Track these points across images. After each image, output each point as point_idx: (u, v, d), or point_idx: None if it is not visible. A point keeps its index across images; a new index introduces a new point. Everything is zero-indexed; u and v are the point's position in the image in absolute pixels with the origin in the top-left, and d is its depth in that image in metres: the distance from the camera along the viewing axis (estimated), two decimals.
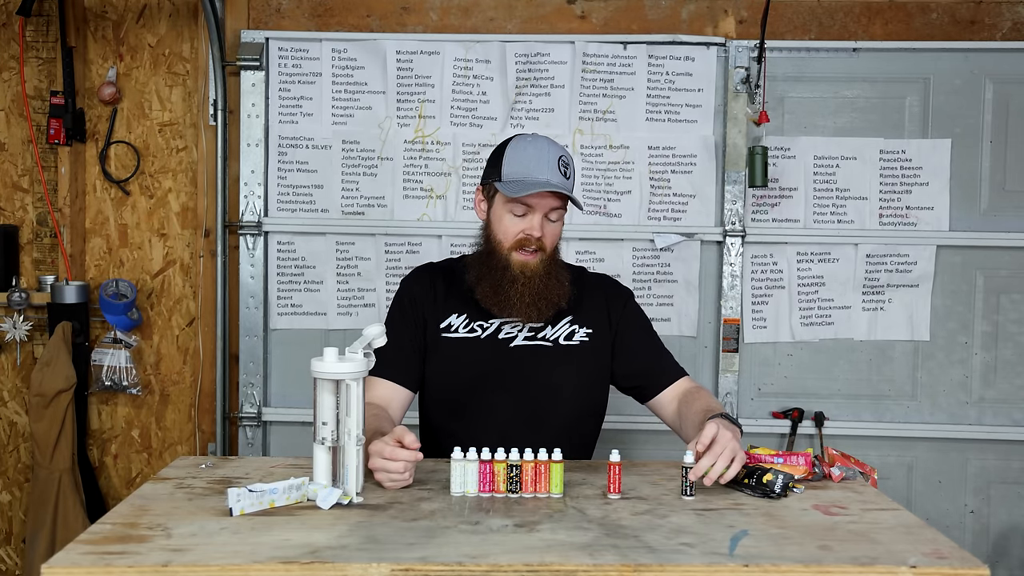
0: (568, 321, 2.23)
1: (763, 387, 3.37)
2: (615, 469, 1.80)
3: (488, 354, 2.17)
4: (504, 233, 2.14)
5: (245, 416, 3.34)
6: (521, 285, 2.12)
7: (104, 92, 3.33)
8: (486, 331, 2.19)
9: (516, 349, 2.18)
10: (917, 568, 1.44)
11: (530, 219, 2.12)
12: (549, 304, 2.15)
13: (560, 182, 2.10)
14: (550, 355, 2.20)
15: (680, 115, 3.31)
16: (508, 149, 2.16)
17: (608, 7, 3.33)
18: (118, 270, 3.42)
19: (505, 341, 2.19)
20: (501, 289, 2.13)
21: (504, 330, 2.19)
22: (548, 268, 2.15)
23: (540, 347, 2.20)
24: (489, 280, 2.14)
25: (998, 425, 3.34)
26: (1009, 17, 3.29)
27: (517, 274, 2.12)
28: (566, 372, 2.20)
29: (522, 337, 2.19)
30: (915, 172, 3.31)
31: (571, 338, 2.22)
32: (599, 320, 2.26)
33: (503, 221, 2.14)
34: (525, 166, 2.11)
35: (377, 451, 1.79)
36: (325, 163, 3.34)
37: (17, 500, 3.44)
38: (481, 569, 1.42)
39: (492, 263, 2.15)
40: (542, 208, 2.12)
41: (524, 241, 2.13)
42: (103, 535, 1.54)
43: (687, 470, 1.80)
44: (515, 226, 2.13)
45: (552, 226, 2.16)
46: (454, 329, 2.19)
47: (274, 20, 3.35)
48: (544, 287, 2.13)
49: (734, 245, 3.29)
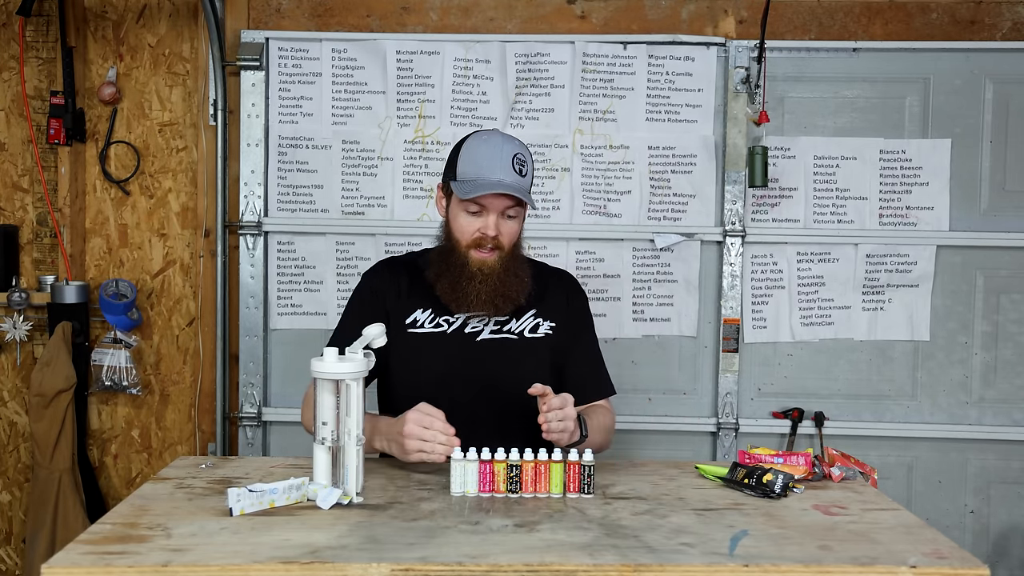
0: (532, 314, 2.24)
1: (763, 387, 3.36)
2: (575, 468, 1.80)
3: (455, 348, 2.18)
4: (461, 232, 2.15)
5: (245, 416, 3.34)
6: (479, 282, 2.12)
7: (104, 92, 3.33)
8: (452, 325, 2.19)
9: (483, 343, 2.19)
10: (917, 568, 1.44)
11: (485, 219, 2.12)
12: (507, 301, 2.15)
13: (513, 181, 2.09)
14: (516, 347, 2.20)
15: (680, 115, 3.31)
16: (463, 148, 2.16)
17: (608, 7, 3.33)
18: (118, 270, 3.42)
19: (472, 335, 2.19)
20: (459, 286, 2.13)
21: (470, 324, 2.20)
22: (507, 265, 2.15)
23: (506, 340, 2.20)
24: (448, 277, 2.15)
25: (998, 425, 3.34)
26: (1009, 17, 3.29)
27: (475, 271, 2.12)
28: (532, 364, 2.21)
29: (488, 331, 2.20)
30: (915, 172, 3.31)
31: (535, 331, 2.23)
32: (561, 314, 2.27)
33: (459, 220, 2.14)
34: (478, 165, 2.11)
35: (420, 421, 1.85)
36: (325, 163, 3.34)
37: (17, 500, 3.44)
38: (481, 569, 1.42)
39: (451, 260, 2.15)
40: (496, 208, 2.11)
41: (480, 240, 2.13)
42: (103, 535, 1.53)
43: (588, 468, 1.80)
44: (471, 225, 2.13)
45: (509, 224, 2.15)
46: (420, 324, 2.20)
47: (274, 20, 3.35)
48: (502, 284, 2.13)
49: (734, 245, 3.29)
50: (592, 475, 1.80)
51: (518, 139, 2.19)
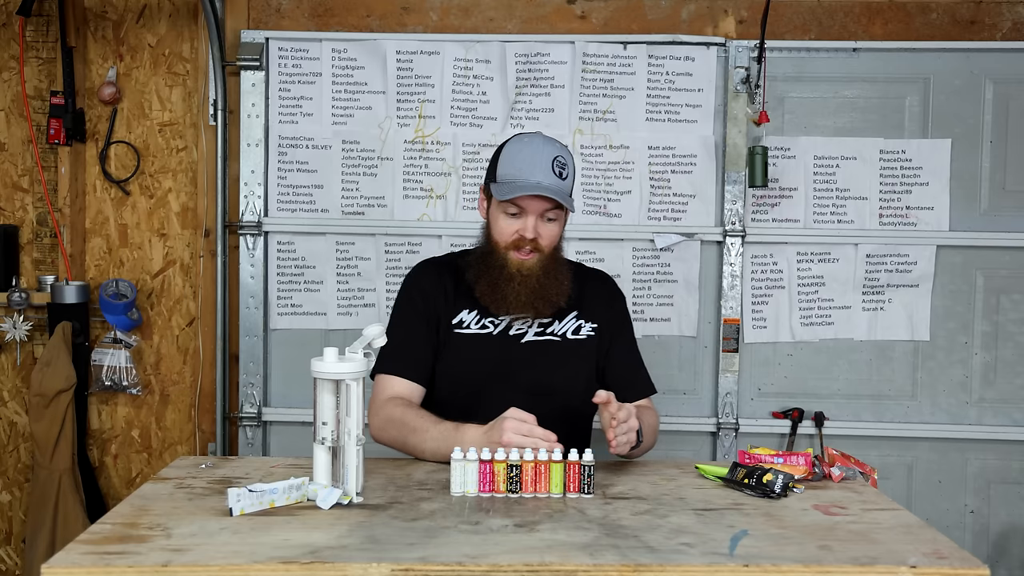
0: (574, 316, 2.25)
1: (763, 387, 3.37)
2: (574, 468, 1.80)
3: (500, 350, 2.19)
4: (500, 234, 2.16)
5: (245, 416, 3.34)
6: (518, 284, 2.13)
7: (104, 92, 3.33)
8: (498, 327, 2.20)
9: (527, 345, 2.20)
10: (917, 568, 1.44)
11: (523, 221, 2.13)
12: (547, 303, 2.17)
13: (552, 184, 2.10)
14: (559, 350, 2.21)
15: (680, 115, 3.31)
16: (504, 149, 2.18)
17: (608, 7, 3.33)
18: (118, 270, 3.42)
19: (516, 337, 2.20)
20: (498, 287, 2.15)
21: (515, 326, 2.21)
22: (546, 268, 2.16)
23: (550, 342, 2.21)
24: (487, 278, 2.16)
25: (998, 425, 3.34)
26: (1009, 17, 3.29)
27: (514, 272, 2.14)
28: (575, 366, 2.22)
29: (532, 333, 2.21)
30: (915, 172, 3.31)
31: (578, 332, 2.24)
32: (602, 315, 2.28)
33: (499, 222, 2.16)
34: (518, 168, 2.12)
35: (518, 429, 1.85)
36: (325, 163, 3.34)
37: (17, 500, 3.44)
38: (481, 569, 1.42)
39: (491, 262, 2.17)
40: (535, 210, 2.12)
41: (519, 242, 2.14)
42: (103, 535, 1.53)
43: (588, 468, 1.80)
44: (510, 227, 2.14)
45: (549, 226, 2.16)
46: (466, 325, 2.21)
47: (274, 20, 3.35)
48: (541, 286, 2.14)
49: (734, 245, 3.29)
50: (592, 475, 1.80)
51: (560, 142, 2.20)
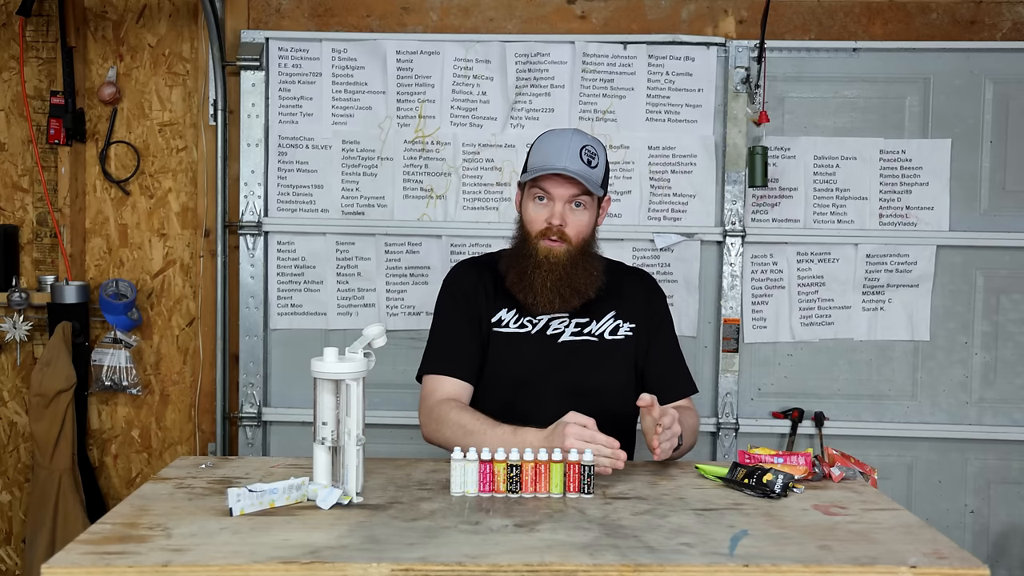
0: (612, 316, 2.25)
1: (763, 387, 3.37)
2: (574, 468, 1.80)
3: (538, 350, 2.20)
4: (530, 223, 2.19)
5: (245, 416, 3.34)
6: (545, 271, 2.14)
7: (104, 92, 3.33)
8: (536, 327, 2.21)
9: (564, 345, 2.20)
10: (917, 568, 1.44)
11: (551, 207, 2.15)
12: (575, 292, 2.17)
13: (579, 169, 2.11)
14: (597, 350, 2.22)
15: (680, 115, 3.31)
16: (535, 143, 2.22)
17: (608, 7, 3.33)
18: (118, 270, 3.42)
19: (553, 337, 2.21)
20: (526, 275, 2.16)
21: (552, 326, 2.21)
22: (574, 259, 2.16)
23: (587, 343, 2.22)
24: (516, 267, 2.19)
25: (998, 425, 3.34)
26: (1009, 17, 3.29)
27: (541, 260, 2.15)
28: (612, 367, 2.22)
29: (569, 332, 2.22)
30: (915, 172, 3.31)
31: (616, 332, 2.24)
32: (640, 315, 2.28)
33: (528, 210, 2.19)
34: (546, 155, 2.15)
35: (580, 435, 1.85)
36: (325, 163, 3.34)
37: (17, 500, 3.44)
38: (481, 569, 1.42)
39: (522, 251, 2.19)
40: (561, 196, 2.14)
41: (546, 230, 2.15)
42: (103, 535, 1.54)
43: (587, 468, 1.79)
44: (539, 215, 2.17)
45: (577, 214, 2.17)
46: (505, 324, 2.22)
47: (274, 20, 3.35)
48: (568, 275, 2.15)
49: (734, 245, 3.29)
50: (592, 475, 1.80)
51: (593, 136, 2.22)
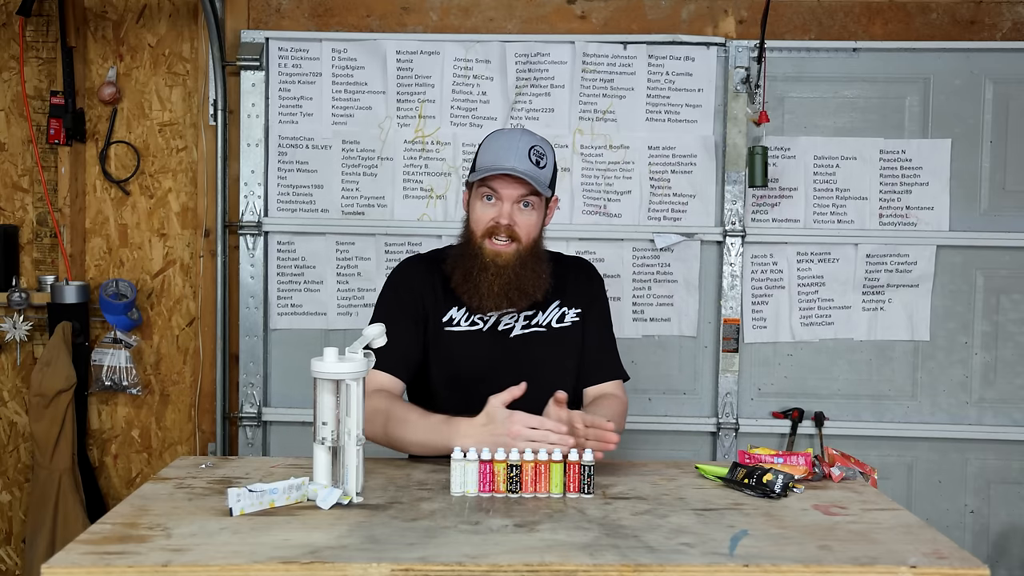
0: (557, 304, 2.24)
1: (763, 387, 3.36)
2: (574, 468, 1.80)
3: (491, 347, 2.19)
4: (476, 222, 2.15)
5: (245, 416, 3.34)
6: (491, 274, 2.11)
7: (104, 92, 3.33)
8: (487, 323, 2.20)
9: (516, 339, 2.20)
10: (917, 568, 1.44)
11: (499, 207, 2.12)
12: (522, 295, 2.14)
13: (527, 169, 2.08)
14: (546, 340, 2.21)
15: (680, 115, 3.31)
16: (483, 143, 2.19)
17: (608, 7, 3.33)
18: (118, 270, 3.42)
19: (505, 332, 2.20)
20: (471, 277, 2.13)
21: (503, 321, 2.20)
22: (523, 260, 2.13)
23: (536, 334, 2.21)
24: (462, 268, 2.15)
25: (998, 425, 3.34)
26: (1009, 17, 3.29)
27: (488, 262, 2.11)
28: (563, 354, 2.22)
29: (519, 326, 2.21)
30: (915, 172, 3.31)
31: (563, 320, 2.24)
32: (583, 300, 2.28)
33: (475, 210, 2.15)
34: (495, 155, 2.12)
35: (527, 421, 1.85)
36: (325, 163, 3.34)
37: (17, 500, 3.44)
38: (481, 569, 1.42)
39: (467, 252, 2.15)
40: (509, 196, 2.11)
41: (494, 229, 2.12)
42: (103, 535, 1.53)
43: (587, 468, 1.79)
44: (485, 214, 2.13)
45: (525, 214, 2.14)
46: (456, 323, 2.20)
47: (274, 20, 3.35)
48: (517, 277, 2.12)
49: (734, 245, 3.29)
50: (592, 475, 1.80)
51: (542, 136, 2.20)
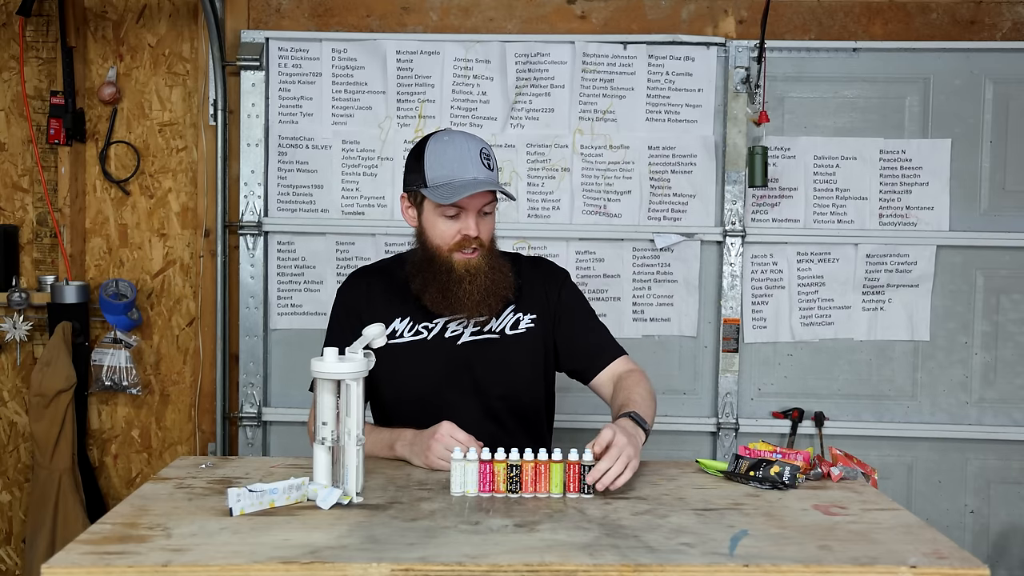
0: (511, 310, 2.21)
1: (763, 387, 3.36)
2: (574, 468, 1.80)
3: (438, 355, 2.16)
4: (441, 238, 2.11)
5: (245, 416, 3.34)
6: (468, 284, 2.10)
7: (104, 92, 3.33)
8: (432, 332, 2.17)
9: (465, 346, 2.17)
10: (917, 568, 1.44)
11: (465, 220, 2.09)
12: (498, 298, 2.14)
13: (487, 177, 2.07)
14: (499, 347, 2.18)
15: (680, 115, 3.31)
16: (427, 152, 2.10)
17: (608, 7, 3.33)
18: (118, 270, 3.42)
19: (452, 339, 2.17)
20: (449, 291, 2.10)
21: (450, 328, 2.17)
22: (491, 263, 2.13)
23: (488, 340, 2.18)
24: (436, 284, 2.12)
25: (998, 425, 3.34)
26: (1009, 17, 3.29)
27: (463, 274, 2.10)
28: (518, 362, 2.19)
29: (468, 333, 2.17)
30: (915, 172, 3.31)
31: (516, 327, 2.20)
32: (540, 305, 2.24)
33: (437, 226, 2.11)
34: (449, 168, 2.06)
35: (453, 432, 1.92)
36: (325, 163, 3.34)
37: (17, 500, 3.44)
38: (481, 569, 1.42)
39: (435, 268, 2.12)
40: (474, 207, 2.09)
41: (463, 242, 2.10)
42: (103, 535, 1.54)
43: (587, 467, 1.79)
44: (450, 229, 2.10)
45: (486, 221, 2.14)
46: (399, 334, 2.17)
47: (274, 20, 3.35)
48: (491, 282, 2.12)
49: (734, 245, 3.29)
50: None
51: (475, 135, 2.18)
